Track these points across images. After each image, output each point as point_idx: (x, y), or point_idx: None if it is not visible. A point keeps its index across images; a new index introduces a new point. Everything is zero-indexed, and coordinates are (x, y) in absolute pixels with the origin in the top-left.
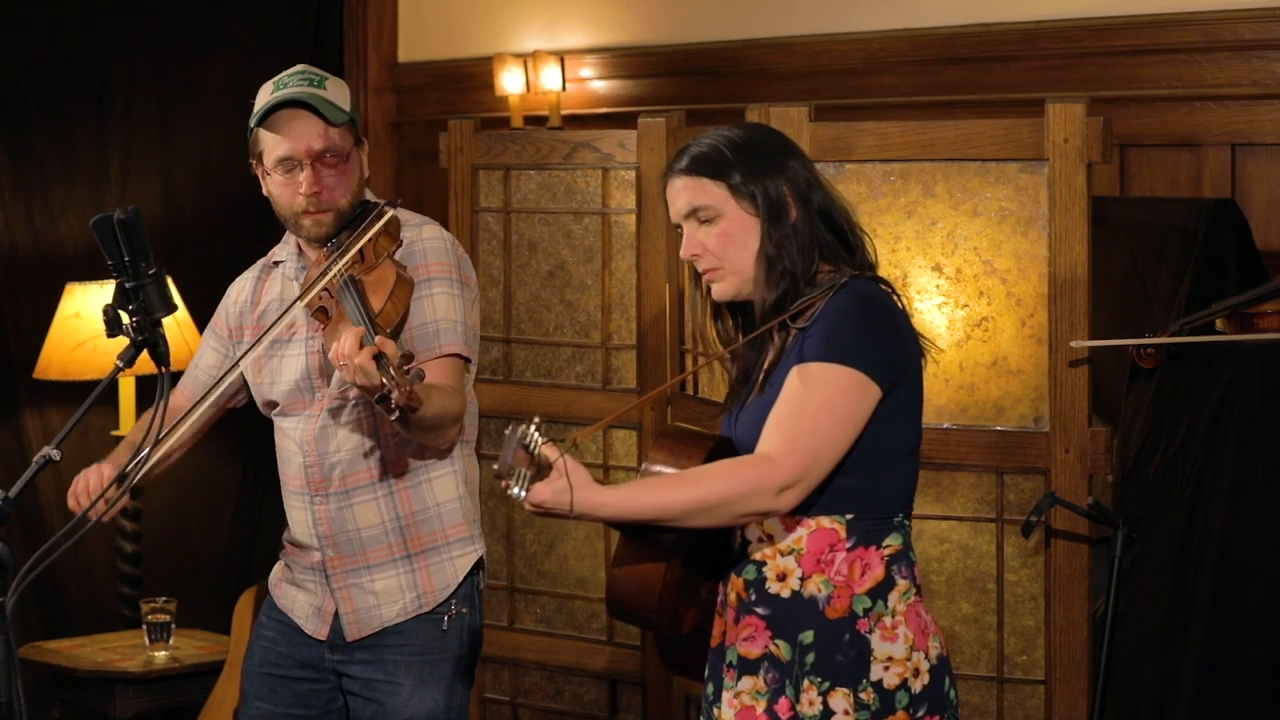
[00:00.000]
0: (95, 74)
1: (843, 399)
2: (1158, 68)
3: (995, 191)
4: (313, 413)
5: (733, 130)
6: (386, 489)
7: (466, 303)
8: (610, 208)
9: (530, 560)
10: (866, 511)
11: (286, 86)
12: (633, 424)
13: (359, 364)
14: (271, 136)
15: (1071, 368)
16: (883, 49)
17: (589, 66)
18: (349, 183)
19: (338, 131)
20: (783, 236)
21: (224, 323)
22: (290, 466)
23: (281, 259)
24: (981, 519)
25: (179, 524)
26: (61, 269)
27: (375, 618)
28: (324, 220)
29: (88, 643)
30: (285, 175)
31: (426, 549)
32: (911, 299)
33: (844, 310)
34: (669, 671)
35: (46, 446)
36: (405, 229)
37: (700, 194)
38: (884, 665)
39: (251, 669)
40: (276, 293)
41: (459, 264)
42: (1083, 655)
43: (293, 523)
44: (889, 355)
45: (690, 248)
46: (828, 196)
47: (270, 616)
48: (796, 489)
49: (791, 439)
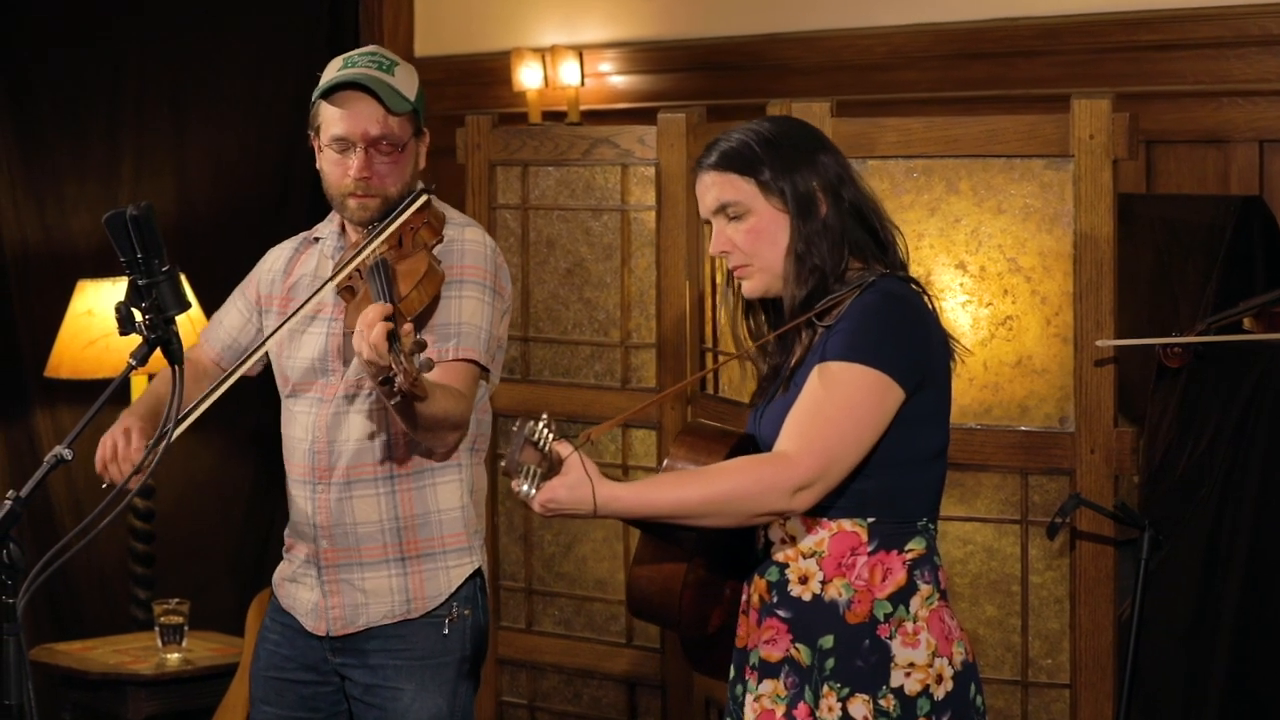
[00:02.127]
0: (108, 68)
1: (863, 400)
2: (1185, 63)
3: (1020, 188)
4: (325, 397)
5: (762, 124)
6: (389, 486)
7: (496, 312)
8: (629, 204)
9: (548, 561)
10: (889, 515)
11: (354, 65)
12: (652, 423)
13: (374, 339)
14: (331, 112)
15: (1097, 367)
16: (906, 44)
17: (608, 61)
18: (401, 172)
19: (397, 120)
20: (812, 232)
21: (254, 288)
22: (296, 453)
23: (323, 235)
24: (1006, 520)
25: (192, 524)
26: (73, 266)
27: (360, 616)
28: (369, 205)
29: (99, 644)
30: (338, 154)
31: (422, 554)
32: (935, 297)
33: (869, 310)
34: (696, 671)
35: (58, 446)
36: (448, 226)
37: (729, 190)
38: (905, 671)
39: (258, 673)
40: (311, 268)
41: (496, 272)
42: (1108, 659)
43: (294, 513)
44: (913, 357)
45: (719, 244)
46: (859, 192)
47: (274, 619)
48: (813, 489)
49: (809, 439)
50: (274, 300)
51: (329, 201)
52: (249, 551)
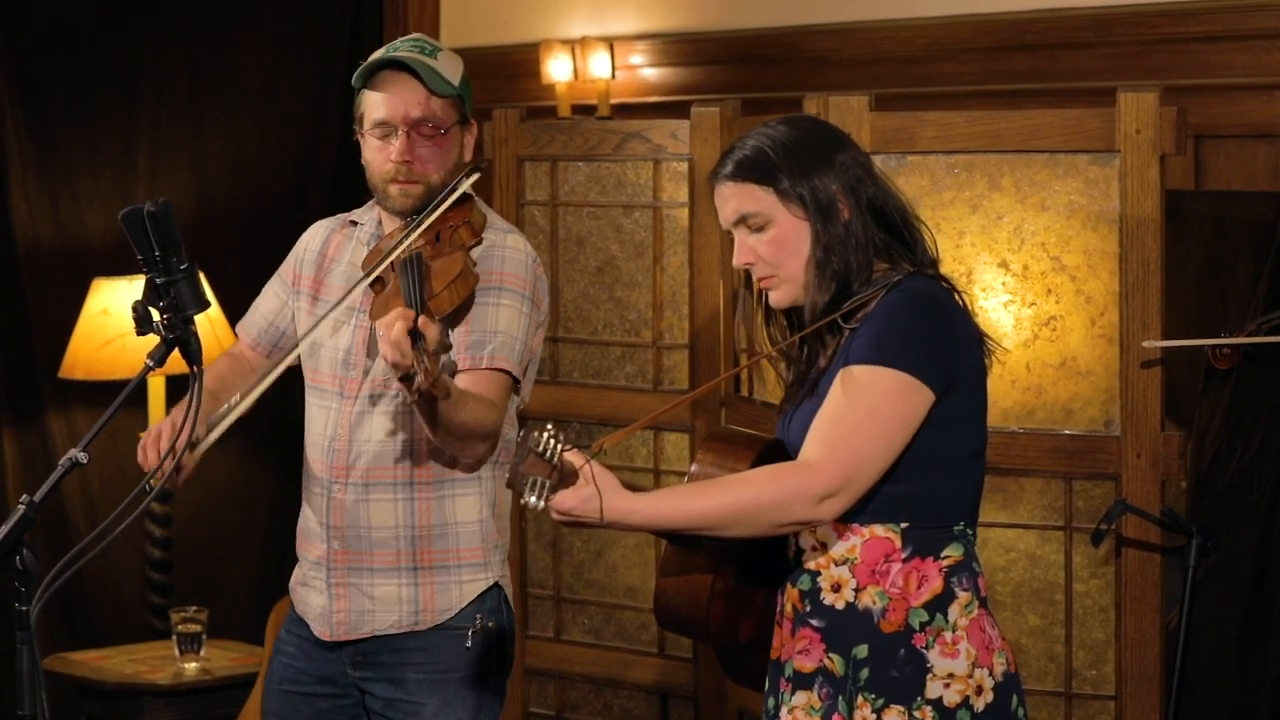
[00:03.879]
0: (123, 60)
1: (889, 403)
2: (1235, 55)
3: (1064, 185)
4: (349, 393)
5: (777, 128)
6: (408, 493)
7: (532, 324)
8: (662, 201)
9: (578, 569)
10: (923, 520)
11: (397, 50)
12: (685, 426)
13: (395, 337)
14: (373, 97)
15: (1144, 369)
16: (946, 35)
17: (640, 53)
18: (444, 158)
19: (440, 103)
20: (833, 239)
21: (291, 269)
22: (315, 448)
23: (362, 222)
24: (1049, 527)
25: (210, 530)
26: (88, 263)
27: (366, 622)
28: (412, 192)
29: (115, 654)
30: (380, 140)
31: (435, 565)
32: (976, 297)
33: (895, 309)
34: (732, 682)
35: (73, 449)
36: (490, 231)
37: (748, 201)
38: (944, 682)
39: (271, 686)
40: (346, 255)
41: (535, 283)
42: (1155, 669)
43: (306, 511)
44: (942, 357)
45: (743, 256)
46: (880, 190)
47: (290, 630)
48: (839, 497)
49: (833, 445)
50: (306, 281)
51: (372, 192)
52: (270, 557)
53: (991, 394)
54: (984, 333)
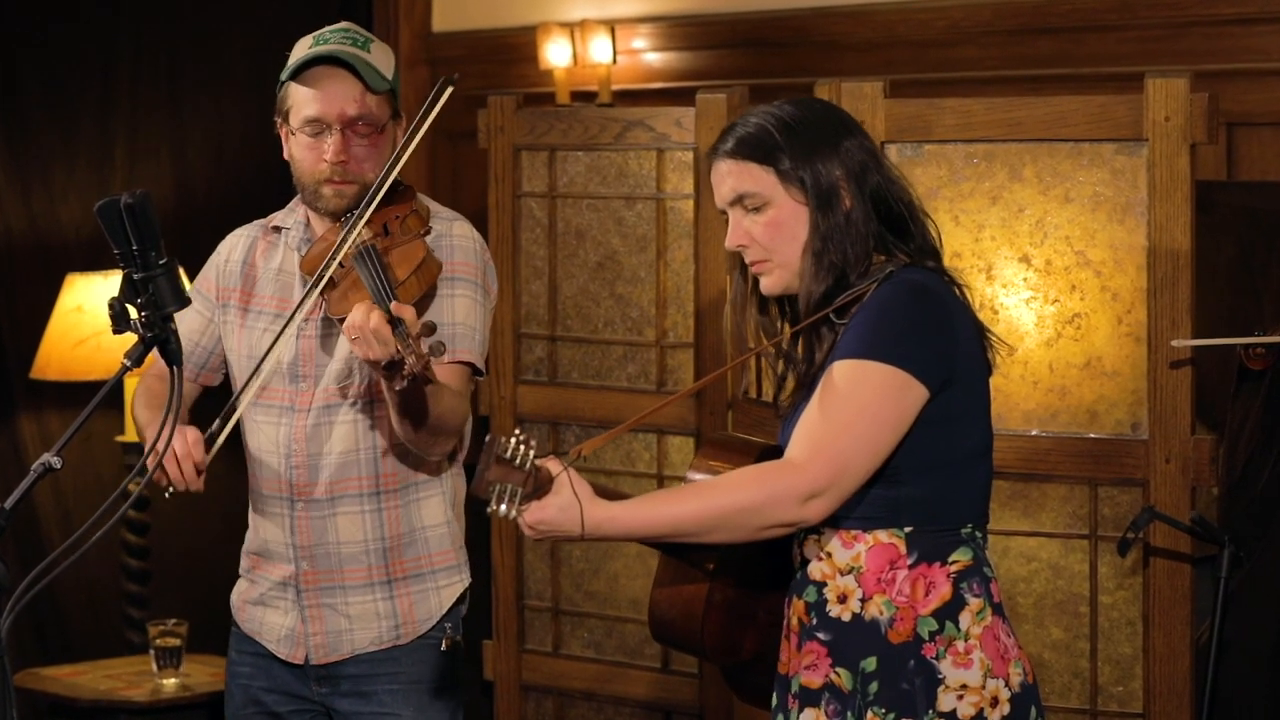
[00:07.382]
0: (100, 44)
1: (879, 400)
2: (1268, 38)
3: (1089, 175)
4: (300, 406)
5: (782, 108)
6: (374, 503)
7: (486, 313)
8: (665, 192)
9: (577, 579)
10: (928, 524)
11: (327, 42)
12: (690, 430)
13: (373, 329)
14: (303, 92)
15: (1173, 369)
16: (965, 18)
17: (642, 37)
18: (380, 157)
19: (376, 100)
20: (832, 228)
21: (212, 283)
22: (266, 468)
23: (286, 226)
24: (1073, 535)
25: (190, 539)
26: (61, 258)
27: (345, 643)
28: (346, 192)
29: (90, 669)
30: (311, 138)
31: (409, 575)
32: (996, 293)
33: (886, 303)
34: (739, 699)
35: (46, 454)
36: (435, 220)
37: (746, 180)
38: (957, 694)
39: (234, 712)
40: (277, 263)
41: (485, 270)
42: (1185, 686)
43: (263, 531)
44: (937, 351)
45: (736, 237)
46: (885, 179)
47: (240, 651)
48: (825, 498)
49: (819, 443)
50: (232, 294)
51: (299, 190)
52: None
53: (1013, 396)
54: (987, 328)
